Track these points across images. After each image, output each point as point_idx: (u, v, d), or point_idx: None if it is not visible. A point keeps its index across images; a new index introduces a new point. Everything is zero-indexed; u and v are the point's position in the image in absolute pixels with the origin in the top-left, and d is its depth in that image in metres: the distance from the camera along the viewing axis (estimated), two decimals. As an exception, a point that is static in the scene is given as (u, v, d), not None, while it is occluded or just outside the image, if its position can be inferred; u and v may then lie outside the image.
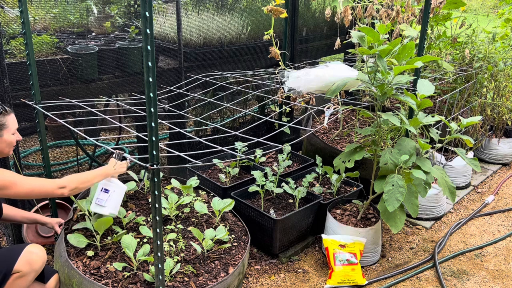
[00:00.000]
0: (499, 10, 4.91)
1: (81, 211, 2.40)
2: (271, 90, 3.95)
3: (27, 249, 1.96)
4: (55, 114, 2.33)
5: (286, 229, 2.82)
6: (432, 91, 2.50)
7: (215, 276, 2.14)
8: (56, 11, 3.30)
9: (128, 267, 2.11)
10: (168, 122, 2.59)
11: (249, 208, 2.83)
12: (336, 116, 3.99)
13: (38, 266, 1.96)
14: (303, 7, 4.48)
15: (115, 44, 3.23)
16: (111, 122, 2.82)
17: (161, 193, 1.65)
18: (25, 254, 1.94)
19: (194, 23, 3.63)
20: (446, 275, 2.83)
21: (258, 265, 2.85)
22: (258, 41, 4.04)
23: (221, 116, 4.27)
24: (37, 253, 1.97)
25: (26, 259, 1.93)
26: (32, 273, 1.95)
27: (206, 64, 3.68)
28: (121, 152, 2.29)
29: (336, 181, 3.15)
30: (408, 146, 2.53)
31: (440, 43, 4.19)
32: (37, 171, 3.92)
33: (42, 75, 2.78)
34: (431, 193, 3.37)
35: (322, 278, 2.76)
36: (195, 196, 2.75)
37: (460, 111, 3.82)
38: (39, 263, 1.97)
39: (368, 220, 2.94)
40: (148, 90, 1.46)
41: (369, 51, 2.34)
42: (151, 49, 1.42)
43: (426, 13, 2.80)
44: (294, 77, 2.66)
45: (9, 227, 2.79)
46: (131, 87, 3.29)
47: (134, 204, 2.69)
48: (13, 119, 2.09)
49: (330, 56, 5.40)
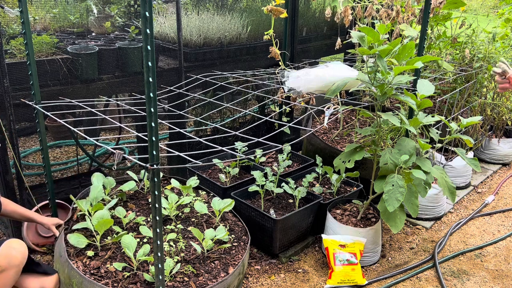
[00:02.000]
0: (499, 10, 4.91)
1: (81, 211, 2.40)
2: (271, 90, 3.95)
3: (7, 243, 1.92)
4: (55, 114, 2.33)
5: (286, 229, 2.82)
6: (432, 91, 2.50)
7: (215, 276, 2.14)
8: (56, 11, 3.30)
9: (128, 267, 2.11)
10: (168, 122, 2.58)
11: (249, 208, 2.83)
12: (336, 116, 3.99)
13: (18, 261, 1.92)
14: (303, 7, 4.48)
15: (115, 44, 3.23)
16: (111, 122, 2.82)
17: (161, 193, 1.65)
18: (4, 248, 1.90)
19: (194, 23, 3.63)
20: (446, 275, 2.83)
21: (258, 265, 2.85)
22: (258, 41, 4.04)
23: (221, 116, 4.27)
24: (16, 248, 1.93)
25: (5, 253, 1.89)
26: (13, 269, 1.91)
27: (206, 64, 3.68)
28: (121, 152, 2.28)
29: (336, 181, 3.15)
30: (408, 146, 2.53)
31: (440, 43, 4.19)
32: (37, 171, 3.92)
33: (42, 75, 2.78)
34: (431, 193, 3.36)
35: (322, 278, 2.76)
36: (195, 196, 2.75)
37: (460, 111, 3.82)
38: (19, 259, 1.92)
39: (368, 220, 2.94)
40: (148, 90, 1.46)
41: (369, 51, 2.34)
42: (151, 49, 1.42)
43: (426, 13, 2.80)
44: (294, 77, 2.66)
45: (9, 227, 2.79)
46: (131, 87, 3.29)
47: (134, 204, 2.69)
48: None
49: (330, 56, 5.40)
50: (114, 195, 2.66)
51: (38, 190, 2.96)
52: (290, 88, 2.69)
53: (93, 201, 2.42)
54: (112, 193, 2.68)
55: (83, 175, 3.54)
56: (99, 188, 2.51)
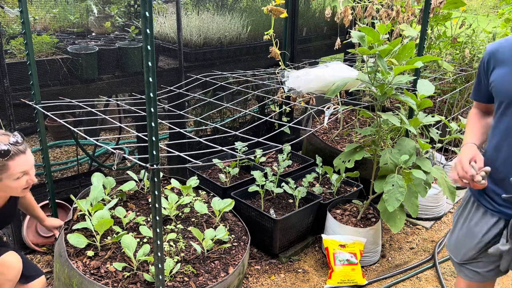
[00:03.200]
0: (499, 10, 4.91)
1: (81, 211, 2.40)
2: (271, 90, 3.95)
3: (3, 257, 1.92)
4: (55, 114, 2.33)
5: (286, 229, 2.82)
6: (432, 91, 2.50)
7: (215, 276, 2.14)
8: (56, 11, 3.30)
9: (128, 267, 2.11)
10: (168, 122, 2.58)
11: (249, 208, 2.83)
12: (336, 116, 3.99)
13: (11, 276, 1.93)
14: (303, 7, 4.48)
15: (115, 44, 3.23)
16: (111, 122, 2.82)
17: (161, 193, 1.65)
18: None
19: (194, 23, 3.63)
20: (446, 275, 2.83)
21: (258, 265, 2.85)
22: (258, 41, 4.04)
23: (221, 116, 4.27)
24: (10, 262, 1.93)
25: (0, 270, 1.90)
26: (7, 283, 1.92)
27: (206, 64, 3.68)
28: (121, 152, 2.28)
29: (336, 181, 3.15)
30: (408, 146, 2.53)
31: (440, 43, 4.19)
32: (37, 171, 3.92)
33: (42, 75, 2.78)
34: (431, 193, 3.36)
35: (322, 278, 2.76)
36: (195, 196, 2.75)
37: (460, 111, 3.82)
38: (13, 273, 1.93)
39: (368, 220, 2.94)
40: (148, 90, 1.46)
41: (369, 51, 2.34)
42: (151, 49, 1.42)
43: (426, 13, 2.80)
44: (294, 77, 2.66)
45: (9, 227, 2.79)
46: (131, 87, 3.29)
47: (134, 204, 2.69)
48: (23, 160, 1.85)
49: (330, 56, 5.40)
50: (114, 195, 2.66)
51: (38, 190, 2.96)
52: (290, 88, 2.69)
53: (93, 201, 2.42)
54: (112, 193, 2.68)
55: (83, 175, 3.54)
56: (99, 188, 2.50)
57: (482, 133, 1.79)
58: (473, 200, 1.78)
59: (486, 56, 1.67)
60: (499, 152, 1.63)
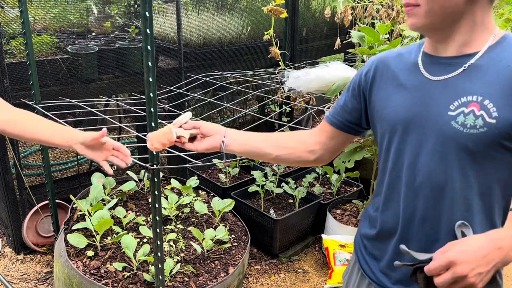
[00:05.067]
0: (499, 10, 4.91)
1: (81, 211, 2.40)
2: (271, 90, 3.95)
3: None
4: (55, 114, 2.33)
5: (286, 229, 2.82)
6: (432, 91, 2.49)
7: (215, 276, 2.14)
8: (56, 11, 3.30)
9: (128, 267, 2.11)
10: (168, 122, 2.58)
11: (249, 208, 2.83)
12: (336, 116, 3.98)
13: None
14: (303, 7, 4.48)
15: (115, 44, 3.23)
16: (111, 122, 2.82)
17: (161, 193, 1.65)
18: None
19: (194, 23, 3.63)
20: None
21: (258, 265, 2.85)
22: (258, 41, 4.04)
23: (221, 116, 4.27)
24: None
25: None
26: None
27: (206, 64, 3.68)
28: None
29: (336, 181, 3.15)
30: (408, 146, 2.52)
31: (440, 43, 4.19)
32: (37, 171, 3.92)
33: (42, 75, 2.78)
34: (431, 193, 3.36)
35: (322, 278, 2.76)
36: (195, 196, 2.75)
37: (460, 111, 3.81)
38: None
39: (368, 220, 2.94)
40: (148, 90, 1.46)
41: (369, 51, 2.34)
42: (151, 49, 1.42)
43: (426, 13, 2.79)
44: (294, 77, 2.66)
45: (9, 227, 2.79)
46: (131, 87, 3.29)
47: (134, 204, 2.69)
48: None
49: (330, 56, 5.40)
50: (114, 195, 2.66)
51: (38, 190, 2.96)
52: (290, 88, 2.69)
53: (93, 201, 2.42)
54: (112, 193, 2.67)
55: (83, 175, 3.54)
56: (99, 188, 2.50)
57: (265, 140, 1.42)
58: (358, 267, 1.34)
59: (369, 67, 1.26)
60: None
